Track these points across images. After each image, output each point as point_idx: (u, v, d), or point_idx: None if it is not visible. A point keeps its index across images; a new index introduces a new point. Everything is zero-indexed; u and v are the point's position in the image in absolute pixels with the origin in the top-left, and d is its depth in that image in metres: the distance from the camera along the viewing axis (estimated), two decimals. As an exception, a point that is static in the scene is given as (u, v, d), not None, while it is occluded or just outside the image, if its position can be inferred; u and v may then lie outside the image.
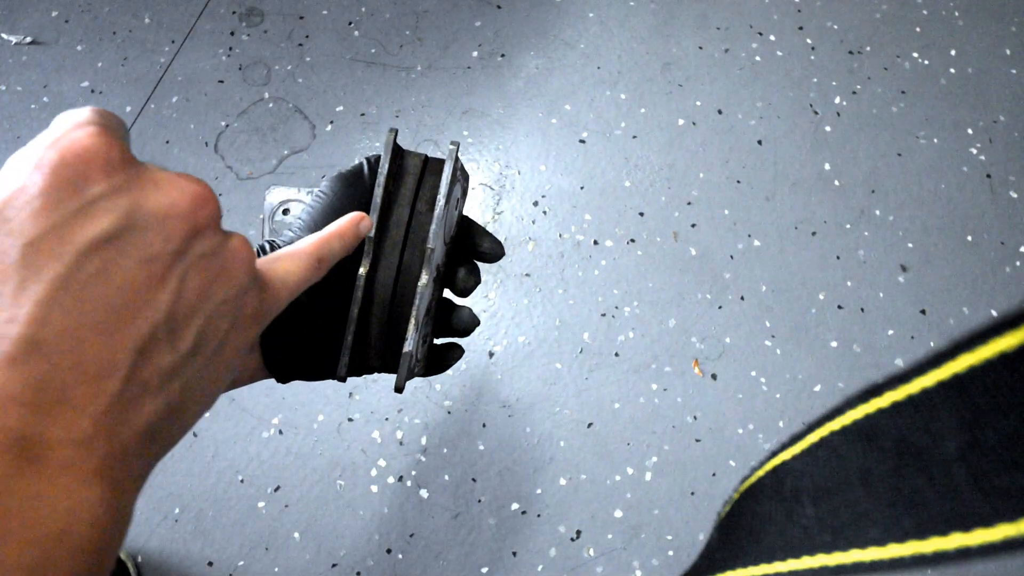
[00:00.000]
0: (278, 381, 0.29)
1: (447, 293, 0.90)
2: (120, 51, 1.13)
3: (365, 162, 0.31)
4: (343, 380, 0.29)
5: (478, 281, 0.33)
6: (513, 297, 0.97)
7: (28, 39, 1.13)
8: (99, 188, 0.17)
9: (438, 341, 0.42)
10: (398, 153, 0.30)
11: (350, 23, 1.16)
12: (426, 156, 0.31)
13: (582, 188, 1.04)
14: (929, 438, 0.14)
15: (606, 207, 1.03)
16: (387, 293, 0.29)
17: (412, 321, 0.29)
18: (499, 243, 0.34)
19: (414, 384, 0.91)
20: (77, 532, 0.16)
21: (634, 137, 1.08)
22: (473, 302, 0.97)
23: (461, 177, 0.32)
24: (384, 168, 0.29)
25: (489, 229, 1.01)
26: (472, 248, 0.33)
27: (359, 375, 0.31)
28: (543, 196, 1.03)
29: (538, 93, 1.11)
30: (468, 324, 0.34)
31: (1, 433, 0.15)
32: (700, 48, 1.15)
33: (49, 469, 0.16)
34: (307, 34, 1.15)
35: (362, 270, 0.29)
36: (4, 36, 1.13)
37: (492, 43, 1.15)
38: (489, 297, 0.97)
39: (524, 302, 0.97)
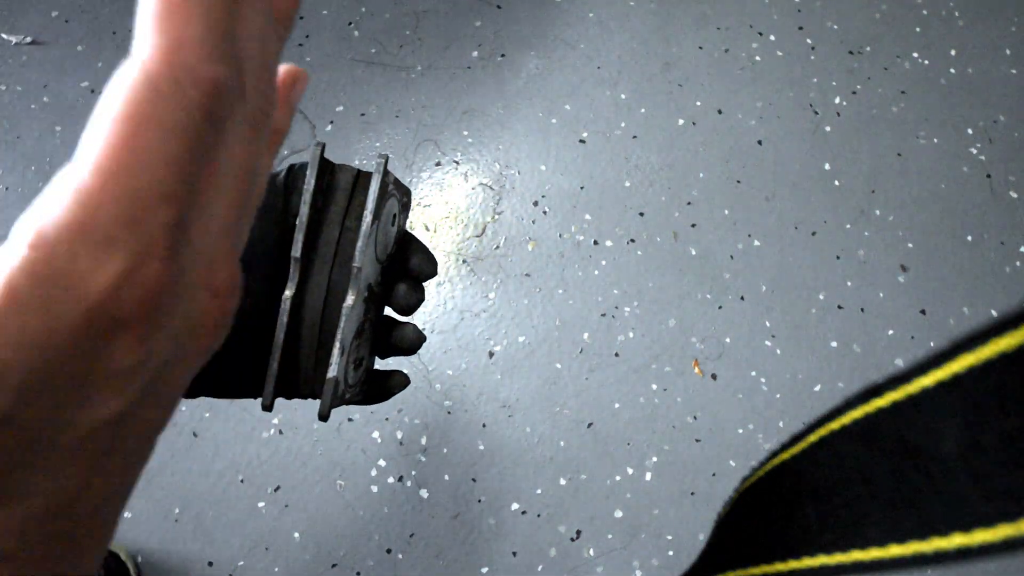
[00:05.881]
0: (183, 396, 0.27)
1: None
2: (120, 51, 1.13)
3: (287, 169, 0.29)
4: (268, 410, 0.28)
5: (420, 299, 0.31)
6: (513, 297, 0.97)
7: (28, 39, 1.13)
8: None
9: (382, 365, 0.40)
10: (326, 168, 0.29)
11: (350, 23, 1.16)
12: (358, 171, 0.30)
13: (582, 188, 1.04)
14: (929, 438, 0.14)
15: (606, 207, 1.03)
16: (316, 316, 0.28)
17: (337, 344, 0.27)
18: (430, 261, 0.31)
19: (414, 384, 0.91)
20: None
21: (634, 137, 1.08)
22: (473, 303, 0.96)
23: (397, 191, 0.30)
24: (310, 185, 0.28)
25: (488, 230, 1.01)
26: (403, 264, 0.31)
27: (289, 399, 0.29)
28: (543, 196, 1.03)
29: (538, 93, 1.11)
30: (412, 342, 0.31)
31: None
32: (700, 48, 1.15)
33: None
34: (307, 34, 1.15)
35: (287, 292, 0.27)
36: (4, 36, 1.13)
37: (492, 43, 1.15)
38: (489, 297, 0.97)
39: (524, 302, 0.96)
